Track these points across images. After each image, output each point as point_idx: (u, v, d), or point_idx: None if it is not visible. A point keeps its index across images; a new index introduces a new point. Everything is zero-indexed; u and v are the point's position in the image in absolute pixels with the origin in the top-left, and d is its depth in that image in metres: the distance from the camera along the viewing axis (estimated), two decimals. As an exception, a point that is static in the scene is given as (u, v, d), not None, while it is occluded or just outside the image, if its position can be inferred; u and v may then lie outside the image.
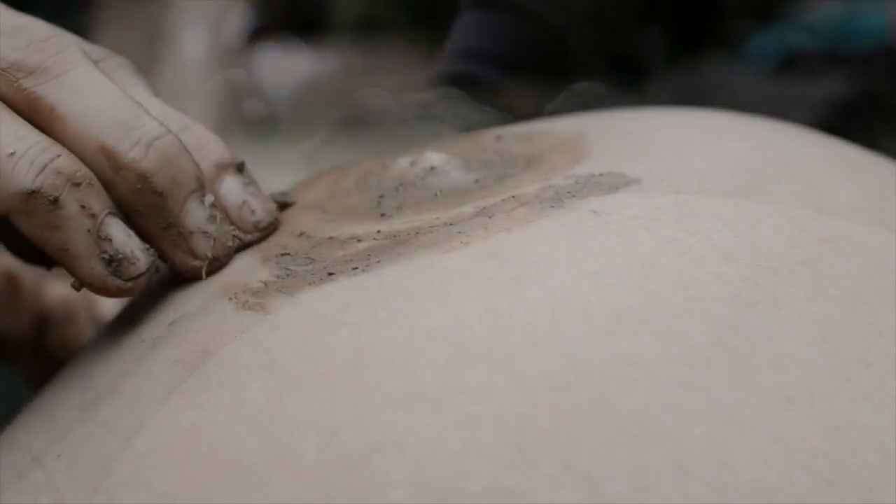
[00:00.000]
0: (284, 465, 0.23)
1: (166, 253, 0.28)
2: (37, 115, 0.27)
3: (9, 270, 0.46)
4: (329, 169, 0.35)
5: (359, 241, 0.28)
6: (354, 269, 0.27)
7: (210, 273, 0.29)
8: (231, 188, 0.30)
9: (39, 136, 0.26)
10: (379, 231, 0.29)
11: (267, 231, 0.30)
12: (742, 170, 0.30)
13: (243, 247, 0.30)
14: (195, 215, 0.28)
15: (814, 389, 0.23)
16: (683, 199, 0.28)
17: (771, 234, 0.27)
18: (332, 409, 0.23)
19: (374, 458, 0.22)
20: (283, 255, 0.29)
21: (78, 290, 0.28)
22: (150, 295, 0.30)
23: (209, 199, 0.29)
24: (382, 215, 0.30)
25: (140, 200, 0.27)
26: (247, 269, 0.29)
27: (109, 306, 0.46)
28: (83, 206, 0.26)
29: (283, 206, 0.32)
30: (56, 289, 0.46)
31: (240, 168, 0.30)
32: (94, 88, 0.27)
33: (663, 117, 0.35)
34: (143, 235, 0.28)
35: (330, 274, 0.27)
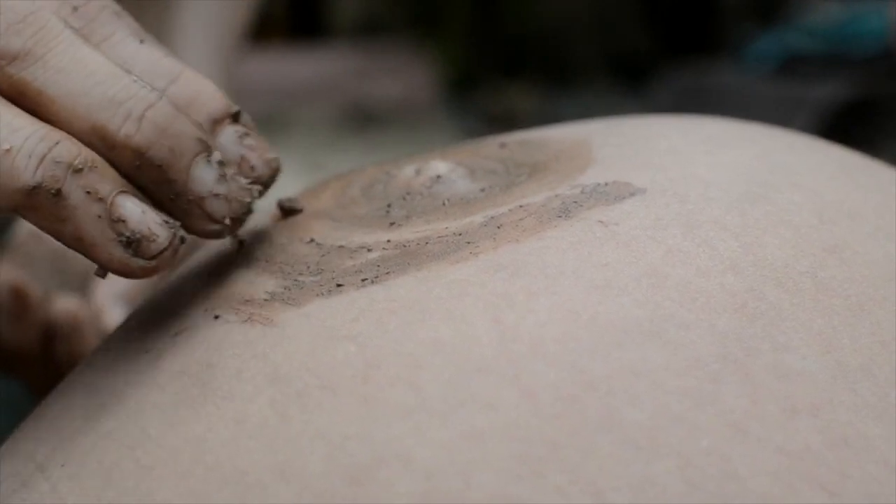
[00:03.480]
0: (290, 478, 0.23)
1: (183, 221, 0.27)
2: (28, 101, 0.26)
3: (16, 284, 0.45)
4: (333, 177, 0.35)
5: (369, 250, 0.28)
6: (364, 280, 0.27)
7: (232, 232, 0.28)
8: (226, 144, 0.28)
9: (35, 124, 0.26)
10: (389, 240, 0.29)
11: (268, 185, 0.29)
12: (745, 178, 0.29)
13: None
14: (203, 179, 0.27)
15: (818, 400, 0.23)
16: (689, 209, 0.28)
17: (776, 244, 0.27)
18: (339, 422, 0.23)
19: (380, 470, 0.22)
20: (292, 264, 0.29)
21: (103, 276, 0.27)
22: (154, 306, 0.30)
23: (216, 156, 0.27)
24: (392, 224, 0.30)
25: (142, 176, 0.26)
26: (253, 279, 0.28)
27: (115, 319, 0.46)
28: (89, 192, 0.25)
29: (292, 211, 0.32)
30: (63, 302, 0.46)
31: (235, 117, 0.28)
32: (79, 65, 0.26)
33: (666, 124, 0.35)
34: (159, 206, 0.27)
35: (339, 285, 0.27)
